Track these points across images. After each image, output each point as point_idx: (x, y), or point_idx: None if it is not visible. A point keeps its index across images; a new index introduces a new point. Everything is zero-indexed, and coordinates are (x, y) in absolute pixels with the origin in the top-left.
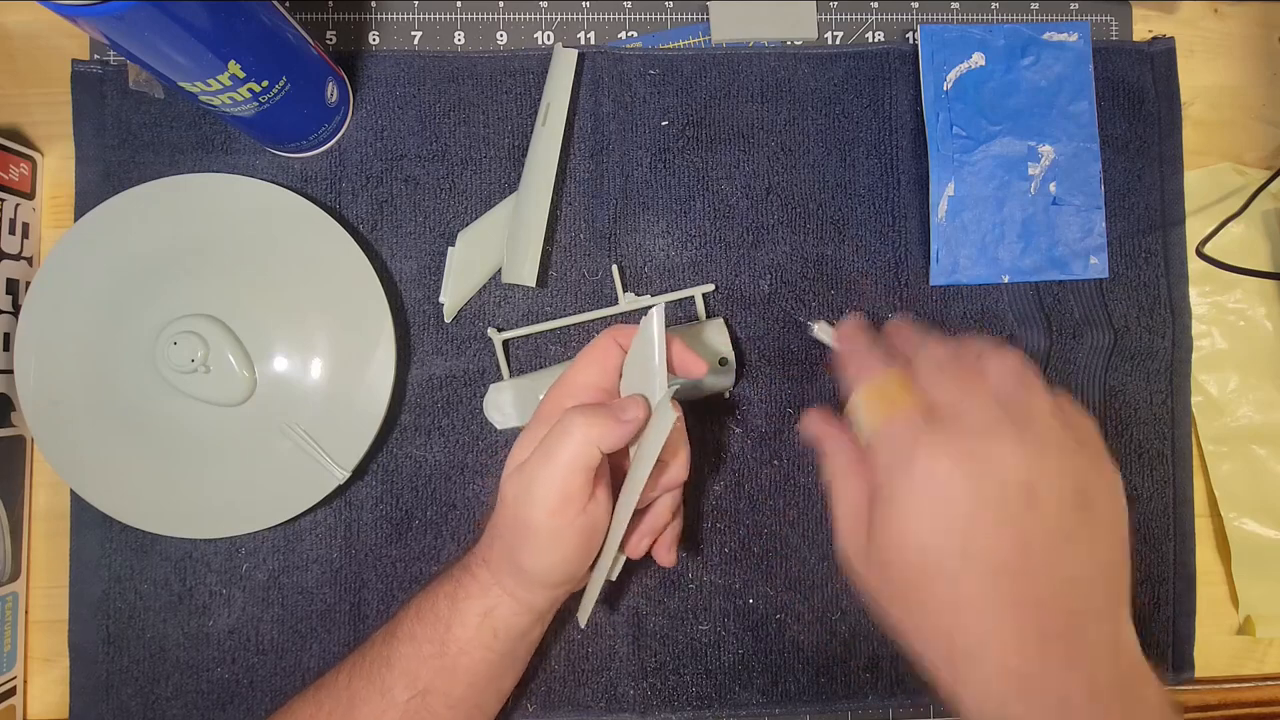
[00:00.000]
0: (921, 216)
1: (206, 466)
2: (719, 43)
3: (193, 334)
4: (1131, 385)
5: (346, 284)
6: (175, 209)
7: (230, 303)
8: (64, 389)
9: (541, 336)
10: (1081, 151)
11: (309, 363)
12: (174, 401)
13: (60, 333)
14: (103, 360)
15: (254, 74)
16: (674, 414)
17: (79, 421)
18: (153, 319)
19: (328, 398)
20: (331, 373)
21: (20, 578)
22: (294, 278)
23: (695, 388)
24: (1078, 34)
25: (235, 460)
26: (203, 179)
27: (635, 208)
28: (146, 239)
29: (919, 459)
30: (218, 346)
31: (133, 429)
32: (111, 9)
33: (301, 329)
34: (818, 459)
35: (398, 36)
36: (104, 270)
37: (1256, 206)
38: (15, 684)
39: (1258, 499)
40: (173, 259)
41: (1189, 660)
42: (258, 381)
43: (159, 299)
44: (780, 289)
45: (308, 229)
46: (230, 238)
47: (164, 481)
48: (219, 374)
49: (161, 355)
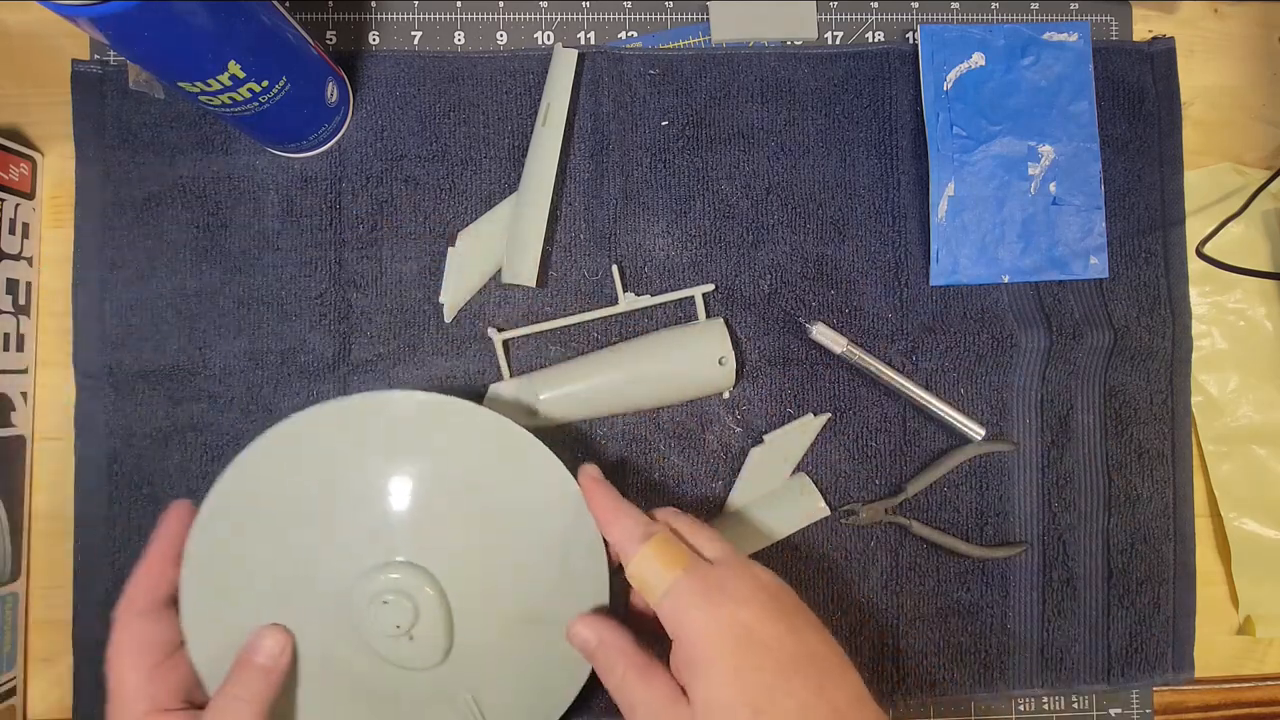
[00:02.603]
0: (921, 216)
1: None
2: (719, 43)
3: (406, 598)
4: (1131, 385)
5: (562, 535)
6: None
7: (429, 547)
8: (239, 627)
9: (541, 336)
10: (1081, 151)
11: (510, 629)
12: (350, 649)
13: (236, 569)
14: (284, 601)
15: (254, 74)
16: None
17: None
18: (349, 561)
19: (518, 674)
20: (529, 644)
21: (20, 578)
22: (504, 524)
23: (692, 390)
24: (1078, 34)
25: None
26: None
27: (635, 208)
28: (333, 462)
29: (723, 612)
30: (429, 613)
31: (308, 677)
32: (111, 9)
33: (509, 585)
34: (598, 670)
35: (398, 36)
36: (281, 502)
37: (1256, 206)
38: (15, 684)
39: (1258, 499)
40: (369, 488)
41: (1189, 660)
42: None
43: (354, 536)
44: (780, 289)
45: (520, 461)
46: (432, 469)
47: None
48: (421, 640)
49: (364, 611)
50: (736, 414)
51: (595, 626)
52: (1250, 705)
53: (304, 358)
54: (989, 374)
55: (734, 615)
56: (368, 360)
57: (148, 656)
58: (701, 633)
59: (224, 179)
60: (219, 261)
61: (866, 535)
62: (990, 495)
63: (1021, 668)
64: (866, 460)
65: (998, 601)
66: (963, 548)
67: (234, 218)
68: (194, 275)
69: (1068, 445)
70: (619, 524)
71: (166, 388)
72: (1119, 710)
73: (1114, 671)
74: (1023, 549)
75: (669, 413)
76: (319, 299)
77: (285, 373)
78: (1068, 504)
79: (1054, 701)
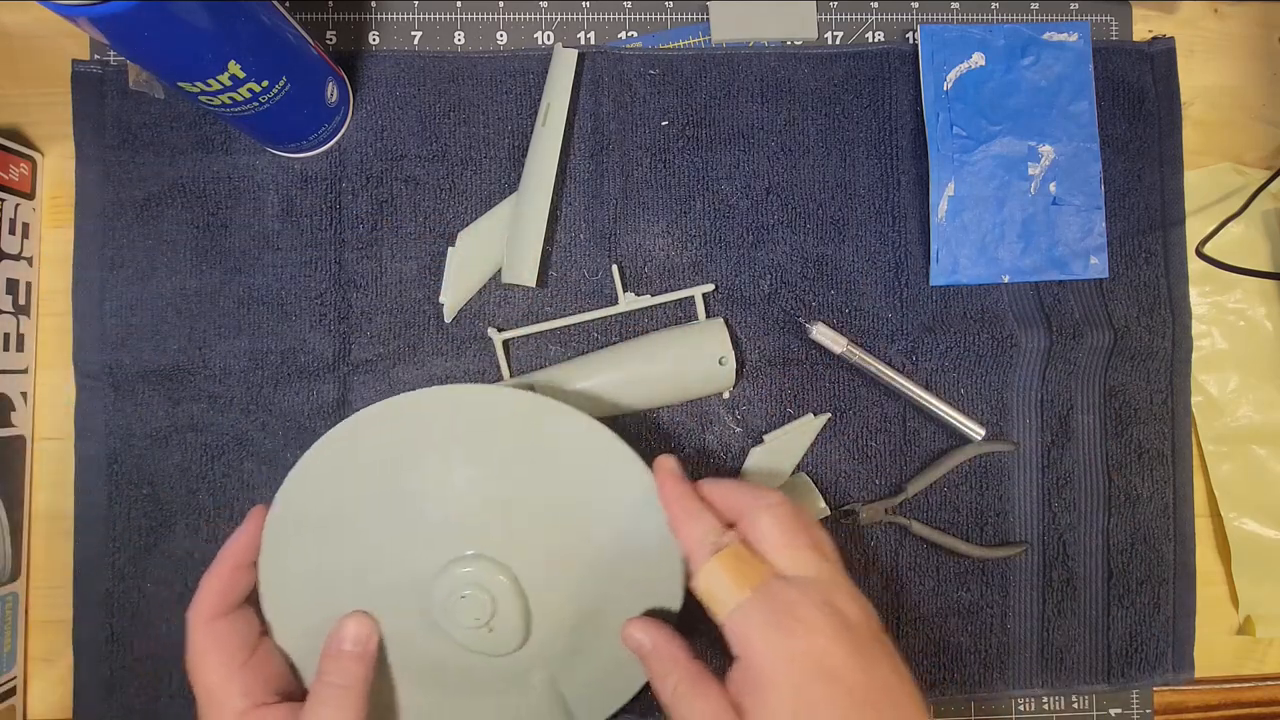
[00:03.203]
0: (921, 216)
1: (443, 705)
2: (719, 43)
3: (484, 592)
4: (1131, 385)
5: (637, 529)
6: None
7: (506, 540)
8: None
9: (541, 336)
10: (1081, 151)
11: (583, 619)
12: (428, 636)
13: (314, 559)
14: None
15: (254, 74)
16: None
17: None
18: (424, 552)
19: (590, 659)
20: (601, 633)
21: (20, 578)
22: (579, 517)
23: (692, 390)
24: (1078, 34)
25: (473, 706)
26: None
27: (635, 208)
28: (402, 457)
29: (794, 642)
30: (506, 605)
31: (387, 662)
32: (111, 9)
33: (583, 577)
34: (651, 677)
35: (398, 36)
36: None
37: (1256, 206)
38: (15, 684)
39: (1258, 499)
40: (440, 481)
41: (1189, 660)
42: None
43: (427, 528)
44: (780, 289)
45: (597, 455)
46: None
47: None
48: (499, 631)
49: (443, 605)
50: (736, 414)
51: (649, 630)
52: (1250, 705)
53: (304, 358)
54: (989, 374)
55: (805, 645)
56: (368, 360)
57: (234, 656)
58: (768, 659)
59: (224, 179)
60: (219, 261)
61: (866, 535)
62: (990, 495)
63: (1021, 668)
64: (866, 460)
65: (998, 601)
66: (963, 548)
67: (234, 218)
68: (194, 275)
69: (1068, 445)
70: (690, 528)
71: (166, 388)
72: (1119, 710)
73: (1114, 671)
74: (1023, 549)
75: (669, 413)
76: (319, 299)
77: (285, 373)
78: (1068, 504)
79: (1054, 701)
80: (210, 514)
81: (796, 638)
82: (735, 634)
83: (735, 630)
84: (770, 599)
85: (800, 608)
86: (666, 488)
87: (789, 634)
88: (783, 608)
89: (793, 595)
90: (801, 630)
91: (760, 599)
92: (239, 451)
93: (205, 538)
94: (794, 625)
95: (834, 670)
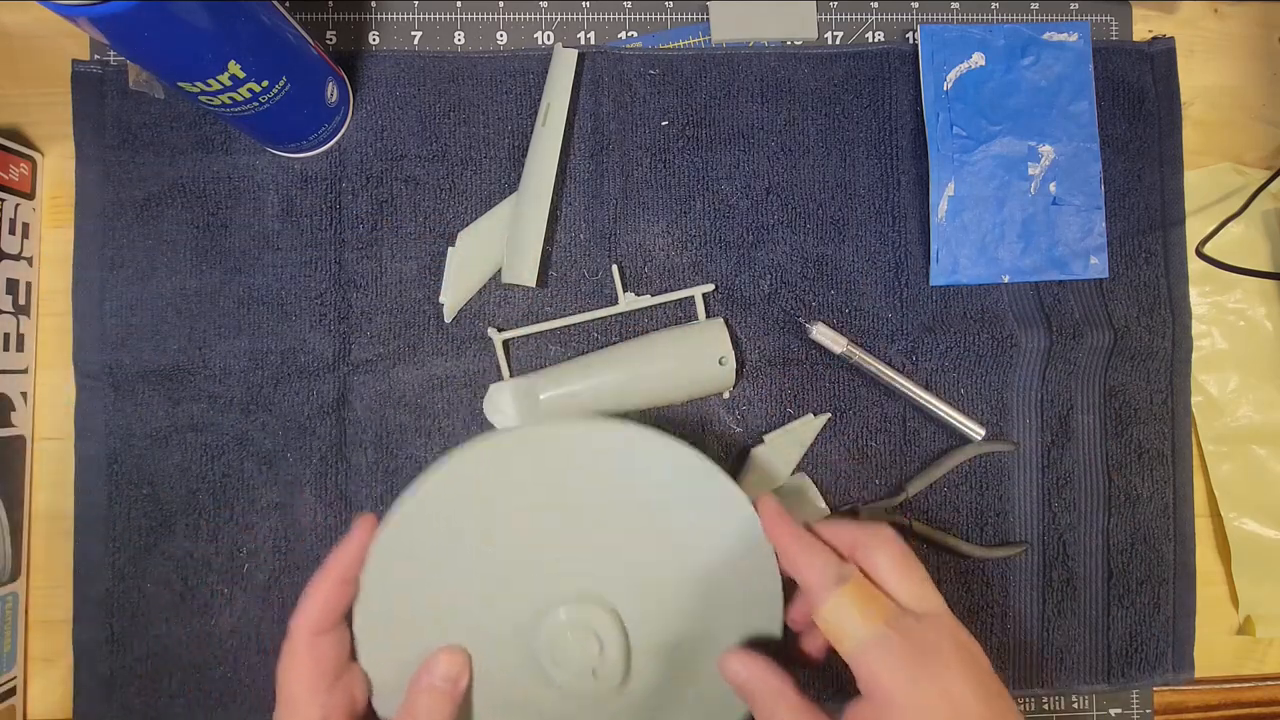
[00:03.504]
0: (921, 216)
1: None
2: (719, 43)
3: (591, 632)
4: (1131, 385)
5: (739, 565)
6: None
7: (606, 577)
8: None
9: (541, 336)
10: (1081, 151)
11: (682, 658)
12: (524, 675)
13: (413, 590)
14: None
15: (254, 74)
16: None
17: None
18: (523, 589)
19: (687, 704)
20: (699, 672)
21: (20, 578)
22: (682, 555)
23: (692, 390)
24: (1078, 34)
25: None
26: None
27: (635, 208)
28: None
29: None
30: (611, 646)
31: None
32: (111, 9)
33: (683, 615)
34: (754, 710)
35: (398, 36)
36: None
37: (1256, 206)
38: (15, 684)
39: (1258, 499)
40: (540, 518)
41: (1189, 660)
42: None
43: (526, 565)
44: (780, 289)
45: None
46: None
47: None
48: (601, 672)
49: (549, 646)
50: (736, 414)
51: (749, 664)
52: (1250, 705)
53: (304, 358)
54: (989, 374)
55: (944, 685)
56: (368, 360)
57: (325, 675)
58: (907, 699)
59: (224, 179)
60: (219, 261)
61: None
62: (990, 495)
63: (1021, 668)
64: (866, 460)
65: (998, 601)
66: (963, 548)
67: (234, 218)
68: (194, 275)
69: (1068, 445)
70: (810, 560)
71: (166, 388)
72: (1119, 710)
73: (1114, 671)
74: (1023, 549)
75: (669, 413)
76: (319, 299)
77: (285, 373)
78: (1068, 504)
79: (1054, 701)
80: (210, 514)
81: (936, 677)
82: (867, 670)
83: (867, 666)
84: (904, 634)
85: (933, 642)
86: (774, 524)
87: (927, 671)
88: (918, 643)
89: (928, 633)
90: (940, 668)
91: (894, 634)
92: (239, 451)
93: (205, 538)
94: (930, 662)
95: (970, 711)
